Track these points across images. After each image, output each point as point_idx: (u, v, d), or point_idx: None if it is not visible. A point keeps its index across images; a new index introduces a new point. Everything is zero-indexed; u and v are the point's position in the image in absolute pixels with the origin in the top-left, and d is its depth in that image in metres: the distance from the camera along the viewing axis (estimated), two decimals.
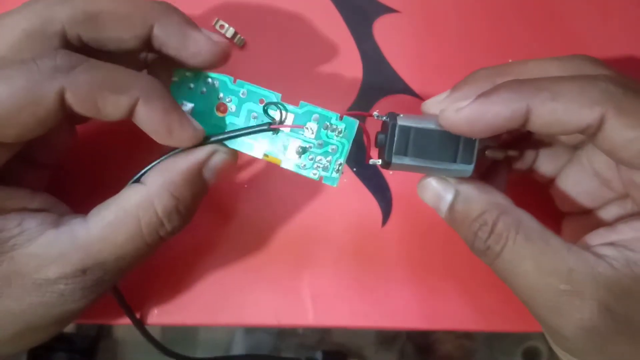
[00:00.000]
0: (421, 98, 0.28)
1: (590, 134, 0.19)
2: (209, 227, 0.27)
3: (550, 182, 0.25)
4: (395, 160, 0.21)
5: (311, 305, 0.27)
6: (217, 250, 0.27)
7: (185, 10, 0.29)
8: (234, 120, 0.22)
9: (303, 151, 0.22)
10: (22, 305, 0.20)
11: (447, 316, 0.27)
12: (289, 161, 0.22)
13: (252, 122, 0.22)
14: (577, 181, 0.24)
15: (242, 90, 0.22)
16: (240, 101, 0.22)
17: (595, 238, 0.21)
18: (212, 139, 0.22)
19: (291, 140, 0.22)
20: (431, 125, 0.21)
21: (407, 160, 0.21)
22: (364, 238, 0.27)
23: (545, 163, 0.25)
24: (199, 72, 0.22)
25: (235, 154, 0.22)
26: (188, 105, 0.22)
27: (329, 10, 0.29)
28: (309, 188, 0.28)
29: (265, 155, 0.22)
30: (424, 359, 0.81)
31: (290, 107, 0.22)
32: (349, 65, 0.28)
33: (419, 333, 0.80)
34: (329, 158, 0.22)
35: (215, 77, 0.22)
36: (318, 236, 0.27)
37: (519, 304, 0.27)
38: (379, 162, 0.21)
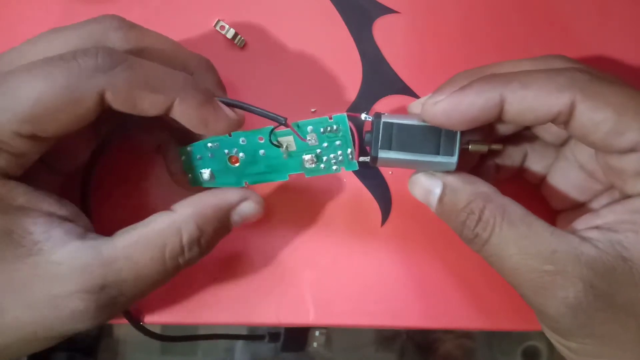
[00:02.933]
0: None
1: (563, 122, 0.20)
2: None
3: (541, 181, 0.26)
4: (381, 154, 0.22)
5: (311, 304, 0.27)
6: (217, 249, 0.27)
7: (185, 11, 0.29)
8: (249, 162, 0.24)
9: (317, 158, 0.24)
10: (34, 315, 0.20)
11: (447, 315, 0.27)
12: (310, 170, 0.24)
13: (263, 157, 0.24)
14: (566, 176, 0.25)
15: (240, 139, 0.23)
16: (244, 147, 0.24)
17: (581, 223, 0.22)
18: (231, 101, 0.23)
19: (303, 155, 0.24)
20: (413, 121, 0.22)
21: (392, 154, 0.22)
22: (363, 237, 0.28)
23: (534, 162, 0.25)
24: (197, 143, 0.24)
25: (263, 204, 0.24)
26: (207, 172, 0.24)
27: (328, 11, 0.29)
28: (309, 188, 0.28)
29: (290, 175, 0.24)
30: (424, 358, 0.81)
31: (284, 130, 0.23)
32: (349, 65, 0.29)
33: (418, 332, 0.80)
34: (339, 152, 0.23)
35: (213, 140, 0.24)
36: (318, 235, 0.28)
37: (519, 302, 0.27)
38: (367, 159, 0.23)
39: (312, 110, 0.28)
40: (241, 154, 0.24)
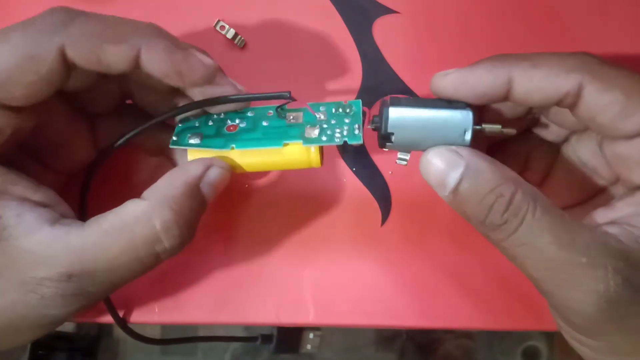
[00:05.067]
0: None
1: (570, 104, 0.20)
2: (210, 226, 0.27)
3: (543, 180, 0.25)
4: (391, 112, 0.20)
5: (311, 304, 0.27)
6: (218, 249, 0.27)
7: (185, 11, 0.29)
8: (246, 129, 0.22)
9: (321, 129, 0.22)
10: (6, 301, 0.19)
11: (447, 315, 0.27)
12: (309, 140, 0.22)
13: (265, 125, 0.22)
14: (568, 173, 0.24)
15: (249, 112, 0.23)
16: (248, 119, 0.23)
17: (597, 217, 0.21)
18: (232, 97, 0.22)
19: (306, 127, 0.22)
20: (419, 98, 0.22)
21: (403, 111, 0.20)
22: (363, 237, 0.28)
23: (536, 161, 0.25)
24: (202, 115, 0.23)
25: (229, 168, 0.22)
26: (197, 135, 0.22)
27: (328, 11, 0.29)
28: (309, 188, 0.28)
29: (285, 143, 0.22)
30: (424, 358, 0.81)
31: (296, 108, 0.22)
32: (349, 65, 0.29)
33: (418, 332, 0.80)
34: (346, 127, 0.22)
35: (220, 114, 0.23)
36: (318, 235, 0.28)
37: (519, 302, 0.27)
38: (374, 127, 0.22)
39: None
40: (243, 124, 0.23)
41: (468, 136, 0.20)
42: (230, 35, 0.28)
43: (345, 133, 0.21)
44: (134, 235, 0.20)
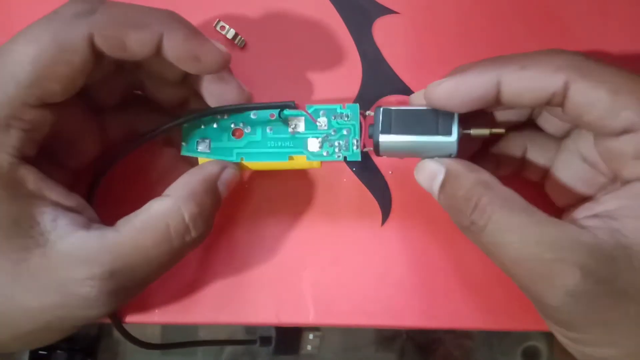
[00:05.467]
0: None
1: (559, 103, 0.20)
2: None
3: (544, 176, 0.25)
4: (381, 138, 0.23)
5: (311, 304, 0.27)
6: (217, 249, 0.27)
7: (185, 11, 0.29)
8: (252, 139, 0.24)
9: (323, 142, 0.24)
10: (44, 304, 0.20)
11: (447, 315, 0.27)
12: (313, 154, 0.24)
13: (269, 134, 0.24)
14: (569, 169, 0.24)
15: (252, 113, 0.24)
16: (253, 122, 0.24)
17: (581, 212, 0.21)
18: (239, 106, 0.24)
19: (309, 139, 0.24)
20: (410, 107, 0.23)
21: (392, 137, 0.23)
22: (363, 237, 0.28)
23: (536, 156, 0.25)
24: (204, 112, 0.24)
25: (239, 170, 0.25)
26: (205, 142, 0.24)
27: (328, 11, 0.29)
28: (309, 188, 0.28)
29: (290, 157, 0.24)
30: (424, 358, 0.81)
31: (300, 111, 0.24)
32: (349, 65, 0.29)
33: (419, 332, 0.80)
34: (345, 140, 0.24)
35: (224, 111, 0.24)
36: (318, 235, 0.28)
37: (519, 301, 0.27)
38: (371, 148, 0.24)
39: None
40: (247, 129, 0.24)
41: (453, 156, 0.23)
42: (230, 35, 0.28)
43: (344, 148, 0.24)
44: (168, 228, 0.21)
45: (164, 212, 0.21)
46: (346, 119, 0.24)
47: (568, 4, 0.29)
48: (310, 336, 0.64)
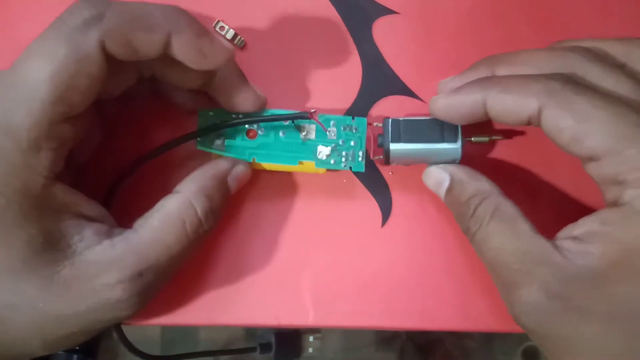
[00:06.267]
0: (420, 99, 0.28)
1: (537, 125, 0.22)
2: None
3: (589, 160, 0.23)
4: (392, 147, 0.25)
5: (311, 305, 0.27)
6: (217, 250, 0.27)
7: None
8: (265, 141, 0.25)
9: (331, 151, 0.25)
10: (78, 310, 0.20)
11: (447, 316, 0.27)
12: (321, 162, 0.26)
13: (282, 138, 0.25)
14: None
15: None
16: (267, 125, 0.25)
17: (564, 232, 0.22)
18: (256, 118, 0.25)
19: (318, 146, 0.25)
20: (417, 118, 0.25)
21: (401, 146, 0.25)
22: (363, 238, 0.28)
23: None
24: (220, 110, 0.25)
25: (250, 167, 0.26)
26: (220, 139, 0.25)
27: (328, 12, 0.29)
28: (309, 189, 0.28)
29: (300, 162, 0.25)
30: (424, 358, 0.81)
31: (312, 121, 0.25)
32: (349, 66, 0.28)
33: (418, 332, 0.80)
34: (352, 151, 0.26)
35: (239, 114, 0.25)
36: (318, 236, 0.28)
37: None
38: (381, 157, 0.26)
39: (312, 110, 0.28)
40: (261, 131, 0.25)
41: (457, 161, 0.25)
42: (229, 35, 0.28)
43: (350, 159, 0.26)
44: (185, 223, 0.22)
45: (179, 208, 0.22)
46: (354, 130, 0.26)
47: (568, 4, 0.29)
48: (311, 339, 0.63)
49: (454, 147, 0.25)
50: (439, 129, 0.25)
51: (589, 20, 0.29)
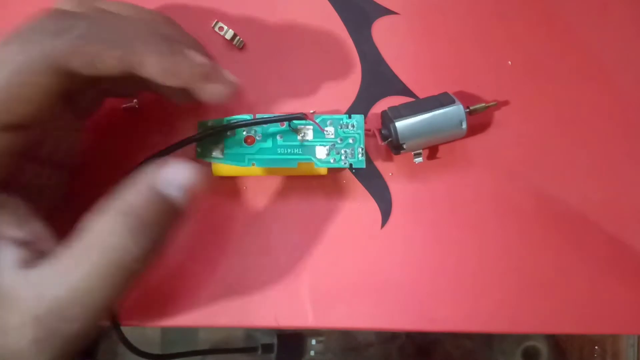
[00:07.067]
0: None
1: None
2: (208, 229, 0.27)
3: None
4: (398, 124, 0.25)
5: (310, 307, 0.27)
6: (217, 251, 0.27)
7: (184, 12, 0.29)
8: (263, 146, 0.25)
9: (330, 150, 0.26)
10: None
11: (446, 318, 0.27)
12: (321, 161, 0.26)
13: (280, 141, 0.26)
14: None
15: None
16: (263, 129, 0.25)
17: None
18: (249, 121, 0.25)
19: (317, 146, 0.26)
20: (410, 101, 0.26)
21: (406, 120, 0.25)
22: (363, 239, 0.28)
23: None
24: (220, 120, 0.25)
25: (203, 172, 0.20)
26: (218, 147, 0.25)
27: (327, 12, 0.29)
28: (308, 190, 0.28)
29: (299, 163, 0.25)
30: (424, 359, 0.81)
31: (308, 121, 0.25)
32: (348, 66, 0.28)
33: (418, 333, 0.80)
34: (351, 148, 0.26)
35: (236, 119, 0.25)
36: (317, 237, 0.28)
37: (519, 304, 0.27)
38: (390, 139, 0.26)
39: (311, 111, 0.28)
40: (258, 136, 0.25)
41: (464, 125, 0.25)
42: (228, 36, 0.28)
43: (350, 156, 0.26)
44: (101, 252, 0.18)
45: (99, 231, 0.18)
46: (352, 128, 0.26)
47: (568, 4, 0.29)
48: (313, 342, 0.63)
49: (456, 107, 0.25)
50: (434, 99, 0.26)
51: (589, 20, 0.29)
